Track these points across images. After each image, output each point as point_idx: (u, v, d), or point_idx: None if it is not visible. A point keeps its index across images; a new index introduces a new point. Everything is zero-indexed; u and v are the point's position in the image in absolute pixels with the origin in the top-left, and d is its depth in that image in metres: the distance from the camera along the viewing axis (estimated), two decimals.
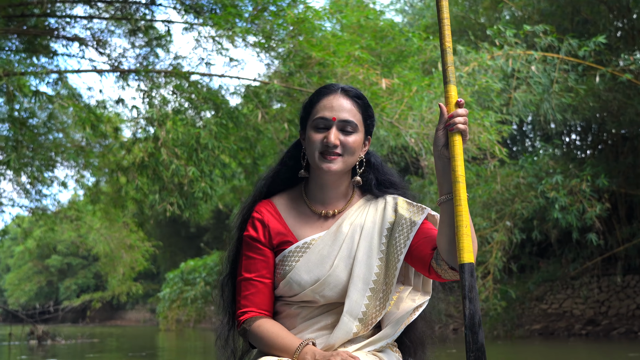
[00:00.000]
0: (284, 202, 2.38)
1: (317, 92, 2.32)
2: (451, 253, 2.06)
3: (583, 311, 16.08)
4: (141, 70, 8.15)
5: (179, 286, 21.67)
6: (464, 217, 1.97)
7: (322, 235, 2.29)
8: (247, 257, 2.32)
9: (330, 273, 2.23)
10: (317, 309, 2.28)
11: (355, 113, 2.25)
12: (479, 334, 1.88)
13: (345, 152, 2.23)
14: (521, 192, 12.07)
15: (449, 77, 2.07)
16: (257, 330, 2.21)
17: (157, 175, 8.05)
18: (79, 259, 45.26)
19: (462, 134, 2.04)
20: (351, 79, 8.11)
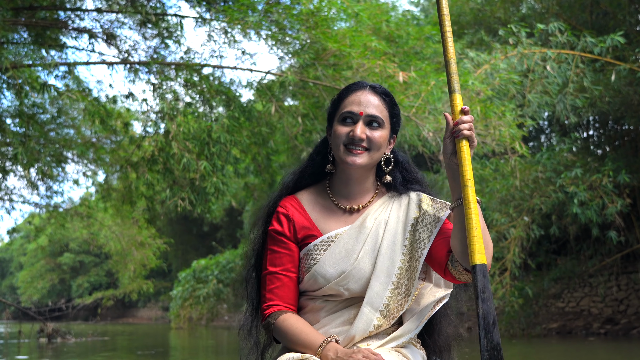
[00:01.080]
0: (308, 197, 2.43)
1: (345, 89, 2.37)
2: (465, 255, 2.10)
3: (601, 310, 15.83)
4: (152, 63, 7.95)
5: (191, 284, 21.59)
6: (473, 219, 2.03)
7: (347, 229, 2.32)
8: (272, 251, 2.35)
9: (354, 266, 2.26)
10: (340, 303, 2.30)
11: (382, 109, 2.31)
12: (494, 334, 1.91)
13: (372, 147, 2.27)
14: (539, 187, 11.84)
15: (454, 86, 2.18)
16: (282, 324, 2.23)
17: (167, 170, 7.87)
18: (91, 256, 45.51)
19: (468, 140, 2.12)
20: (367, 71, 7.90)
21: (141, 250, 16.64)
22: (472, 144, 2.14)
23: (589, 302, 16.26)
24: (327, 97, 8.16)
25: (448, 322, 2.47)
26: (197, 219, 33.71)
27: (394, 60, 7.97)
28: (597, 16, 13.19)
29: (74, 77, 8.50)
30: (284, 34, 7.96)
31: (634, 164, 13.70)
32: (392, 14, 10.26)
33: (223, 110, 8.21)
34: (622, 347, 11.83)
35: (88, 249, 40.78)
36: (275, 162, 9.16)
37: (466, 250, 2.09)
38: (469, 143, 2.13)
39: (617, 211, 11.17)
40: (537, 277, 16.28)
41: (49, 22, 8.15)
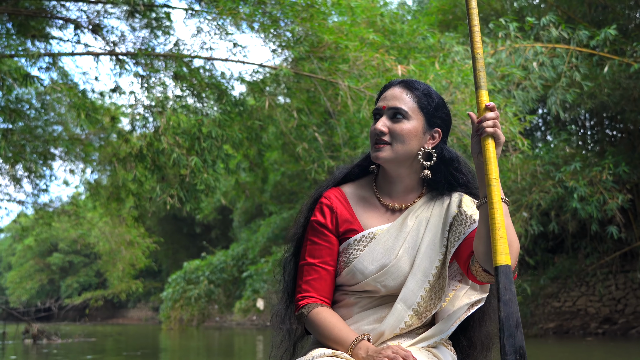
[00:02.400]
0: (353, 191, 2.41)
1: (382, 88, 2.35)
2: (485, 255, 2.07)
3: (598, 309, 15.65)
4: (139, 54, 7.62)
5: (182, 286, 21.41)
6: (497, 219, 1.99)
7: (388, 226, 2.30)
8: (312, 242, 2.34)
9: (394, 263, 2.24)
10: (375, 300, 2.29)
11: (407, 101, 2.26)
12: (516, 337, 1.87)
13: (394, 140, 2.23)
14: (538, 182, 11.63)
15: (480, 82, 2.12)
16: (315, 317, 2.21)
17: (156, 166, 7.56)
18: (80, 257, 45.26)
19: (493, 137, 2.08)
20: (364, 64, 7.64)
21: (130, 250, 16.41)
22: (498, 141, 2.10)
23: (585, 301, 16.08)
24: (322, 91, 7.89)
25: (486, 321, 2.42)
26: (188, 218, 33.52)
27: (392, 54, 7.68)
28: (595, 9, 12.99)
29: (59, 69, 8.19)
30: (277, 26, 7.68)
31: (633, 159, 13.54)
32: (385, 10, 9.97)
33: (214, 104, 7.89)
34: (620, 348, 11.68)
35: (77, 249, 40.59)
36: (267, 158, 8.87)
37: (486, 251, 2.06)
38: (495, 140, 2.09)
39: (617, 207, 10.98)
40: (534, 275, 16.08)
41: (33, 11, 7.83)
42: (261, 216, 25.59)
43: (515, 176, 11.26)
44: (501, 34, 9.88)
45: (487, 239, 2.05)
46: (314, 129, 8.02)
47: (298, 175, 19.98)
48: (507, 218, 2.07)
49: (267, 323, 28.69)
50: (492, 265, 2.03)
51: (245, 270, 20.91)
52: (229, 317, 32.60)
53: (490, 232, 2.02)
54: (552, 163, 11.89)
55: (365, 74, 7.57)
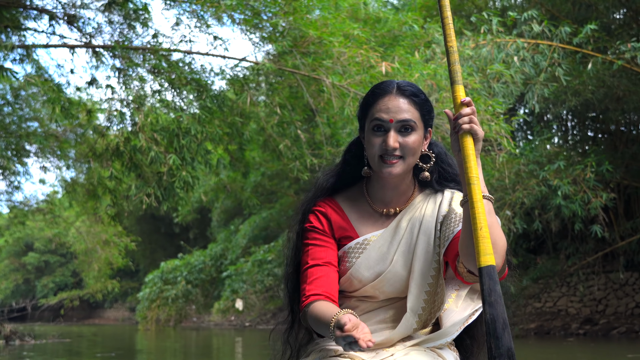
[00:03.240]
0: (346, 200, 2.40)
1: (372, 92, 2.28)
2: (468, 255, 2.02)
3: (579, 310, 15.63)
4: (117, 47, 7.36)
5: (159, 286, 21.19)
6: (479, 219, 1.93)
7: (382, 232, 2.29)
8: (313, 245, 2.32)
9: (389, 269, 2.24)
10: (376, 303, 2.29)
11: (413, 112, 2.21)
12: (503, 339, 1.82)
13: (406, 154, 2.21)
14: (522, 180, 11.53)
15: (455, 77, 2.04)
16: (311, 310, 2.17)
17: (133, 164, 7.32)
18: (56, 256, 44.88)
19: (471, 134, 2.01)
20: (348, 60, 7.46)
21: (106, 249, 16.13)
22: (477, 137, 2.02)
23: (566, 302, 16.06)
24: (305, 87, 7.70)
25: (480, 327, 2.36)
26: (166, 217, 33.26)
27: (377, 50, 7.50)
28: (579, 8, 12.93)
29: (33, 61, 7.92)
30: (260, 19, 7.47)
31: (617, 157, 13.53)
32: None
33: (194, 99, 7.66)
34: (600, 348, 11.63)
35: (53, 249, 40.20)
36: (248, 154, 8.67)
37: (469, 252, 2.01)
38: (473, 137, 2.01)
39: (601, 205, 10.91)
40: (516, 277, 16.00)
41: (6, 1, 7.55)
42: (240, 215, 25.39)
43: (499, 174, 11.16)
44: (483, 28, 9.76)
45: (469, 240, 2.00)
46: (298, 124, 7.82)
47: (278, 174, 19.82)
48: (491, 216, 2.02)
49: (245, 323, 28.50)
50: (475, 266, 1.97)
51: (224, 270, 20.70)
52: (207, 317, 32.40)
53: (472, 232, 1.95)
54: (536, 162, 11.80)
55: (349, 70, 7.39)
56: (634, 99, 12.23)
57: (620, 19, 13.62)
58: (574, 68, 11.08)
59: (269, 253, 18.79)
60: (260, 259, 18.46)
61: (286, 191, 21.59)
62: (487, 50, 9.41)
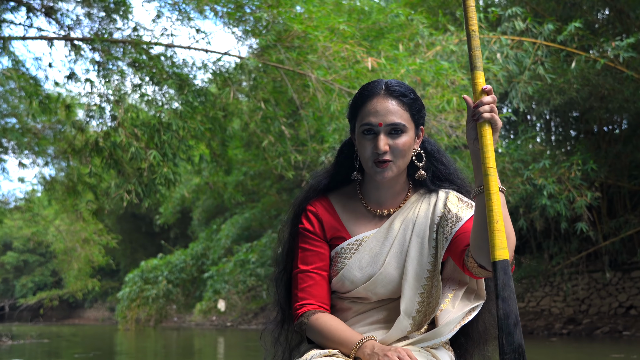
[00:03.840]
0: (339, 199, 2.38)
1: (360, 94, 2.26)
2: (480, 250, 1.99)
3: (562, 309, 15.62)
4: (96, 39, 7.16)
5: (139, 285, 20.95)
6: (495, 211, 1.89)
7: (374, 232, 2.28)
8: (303, 249, 2.31)
9: (381, 271, 2.23)
10: (369, 304, 2.27)
11: (402, 113, 2.19)
12: (515, 335, 1.81)
13: (396, 157, 2.18)
14: (507, 179, 11.45)
15: (475, 62, 1.99)
16: (316, 323, 2.18)
17: (113, 160, 7.14)
18: (36, 255, 44.59)
19: (490, 123, 1.97)
20: (333, 55, 7.32)
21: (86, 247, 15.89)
22: (495, 127, 1.97)
23: (549, 301, 16.04)
24: (289, 82, 7.55)
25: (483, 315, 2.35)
26: (147, 216, 33.03)
27: (362, 44, 7.36)
28: (563, 7, 12.89)
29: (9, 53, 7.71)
30: (243, 12, 7.31)
31: (601, 157, 13.51)
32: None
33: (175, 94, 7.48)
34: (584, 348, 11.59)
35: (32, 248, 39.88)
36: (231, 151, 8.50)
37: (482, 245, 1.97)
38: (492, 127, 1.97)
39: (586, 204, 10.86)
40: None
41: None
42: (221, 215, 25.21)
43: None
44: None
45: (482, 232, 1.96)
46: (283, 120, 7.67)
47: (260, 174, 19.69)
48: (504, 209, 1.97)
49: (227, 323, 28.33)
50: (487, 260, 1.97)
51: (206, 270, 20.51)
52: (188, 317, 32.20)
53: (487, 225, 1.91)
54: (521, 160, 11.74)
55: (335, 65, 7.26)
56: (618, 97, 12.22)
57: (604, 18, 13.63)
58: (559, 66, 11.05)
59: (251, 253, 18.62)
60: (243, 259, 18.28)
61: (268, 191, 21.45)
62: None
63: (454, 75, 7.39)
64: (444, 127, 7.32)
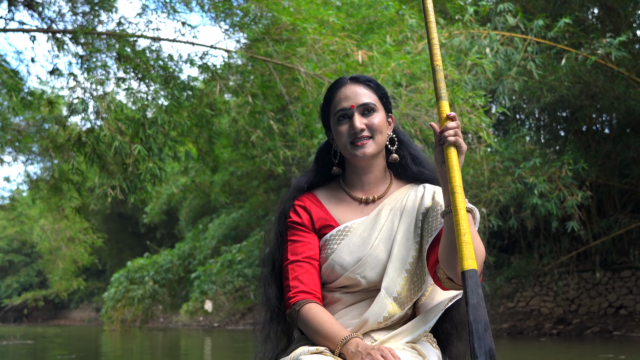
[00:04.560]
0: (324, 193, 2.46)
1: (329, 90, 2.41)
2: (449, 263, 2.11)
3: (552, 309, 15.54)
4: (79, 32, 6.95)
5: (125, 285, 20.74)
6: (462, 225, 2.02)
7: (363, 220, 2.35)
8: (293, 241, 2.36)
9: (370, 253, 2.29)
10: (357, 295, 2.31)
11: (370, 95, 2.34)
12: (484, 340, 1.89)
13: (374, 133, 2.31)
14: (497, 177, 11.34)
15: (440, 93, 2.17)
16: (307, 314, 2.22)
17: (97, 155, 6.93)
18: (21, 256, 44.38)
19: (455, 146, 2.12)
20: (323, 48, 7.15)
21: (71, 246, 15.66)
22: (460, 149, 2.13)
23: (539, 301, 15.96)
24: (277, 76, 7.37)
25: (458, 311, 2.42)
26: (133, 216, 32.79)
27: (353, 37, 7.20)
28: (553, 4, 12.80)
29: None
30: (230, 5, 7.13)
31: (591, 156, 13.43)
32: None
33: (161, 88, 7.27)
34: (573, 348, 11.51)
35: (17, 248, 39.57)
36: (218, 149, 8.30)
37: (450, 260, 2.10)
38: (457, 149, 2.13)
39: (577, 203, 10.77)
40: (490, 276, 15.86)
41: None
42: (208, 215, 25.03)
43: (473, 172, 10.96)
44: (458, 16, 9.54)
45: (451, 247, 2.09)
46: (271, 115, 7.49)
47: (247, 174, 19.55)
48: (473, 227, 2.11)
49: (214, 324, 28.13)
50: (455, 273, 2.09)
51: (192, 270, 20.32)
52: (174, 317, 31.99)
53: (455, 238, 2.04)
54: (511, 159, 11.63)
55: (324, 58, 7.09)
56: (609, 95, 12.18)
57: (594, 16, 13.57)
58: (549, 63, 10.98)
59: (238, 253, 18.44)
60: (230, 259, 18.10)
61: (255, 190, 21.31)
62: (460, 40, 9.19)
63: (446, 69, 7.24)
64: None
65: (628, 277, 14.48)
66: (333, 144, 2.43)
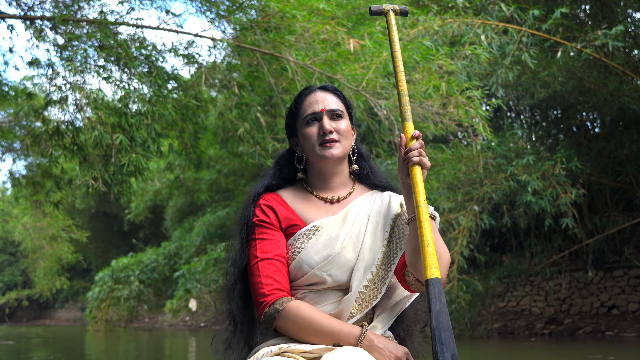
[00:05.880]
0: (288, 194, 2.46)
1: (298, 96, 2.46)
2: (415, 265, 2.20)
3: (543, 309, 15.39)
4: (57, 18, 6.62)
5: (109, 285, 20.45)
6: (426, 237, 2.09)
7: (331, 219, 2.37)
8: (261, 239, 2.34)
9: (339, 252, 2.31)
10: (322, 295, 2.32)
11: (338, 102, 2.42)
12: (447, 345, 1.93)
13: (342, 137, 2.37)
14: (490, 174, 11.13)
15: (405, 115, 2.28)
16: (296, 311, 2.20)
17: (76, 145, 6.63)
18: (5, 255, 44.16)
19: (420, 165, 2.19)
20: (313, 37, 6.88)
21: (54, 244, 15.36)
22: (425, 167, 2.20)
23: (530, 301, 15.81)
24: (266, 66, 7.10)
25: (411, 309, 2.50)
26: (118, 215, 32.48)
27: (344, 25, 6.93)
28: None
29: None
30: None
31: (584, 153, 13.27)
32: None
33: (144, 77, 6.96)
34: (563, 348, 11.40)
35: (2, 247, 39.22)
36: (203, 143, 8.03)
37: (416, 262, 2.19)
38: (422, 167, 2.20)
39: (570, 201, 10.58)
40: (482, 275, 15.67)
41: None
42: (194, 214, 24.76)
43: (465, 168, 10.76)
44: (451, 3, 9.32)
45: (416, 254, 2.18)
46: (258, 107, 7.22)
47: (234, 172, 19.31)
48: (436, 233, 2.22)
49: (200, 324, 27.86)
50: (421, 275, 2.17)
51: (178, 269, 20.06)
52: (160, 317, 31.72)
53: (420, 248, 2.10)
54: (504, 156, 11.43)
55: (314, 47, 6.82)
56: (603, 92, 12.05)
57: (587, 12, 13.42)
58: (543, 58, 10.81)
59: (224, 251, 18.16)
60: (216, 258, 17.83)
61: (243, 189, 21.06)
62: (454, 28, 8.96)
63: (441, 59, 6.98)
64: (430, 114, 6.91)
65: (620, 277, 14.34)
66: (297, 150, 2.46)
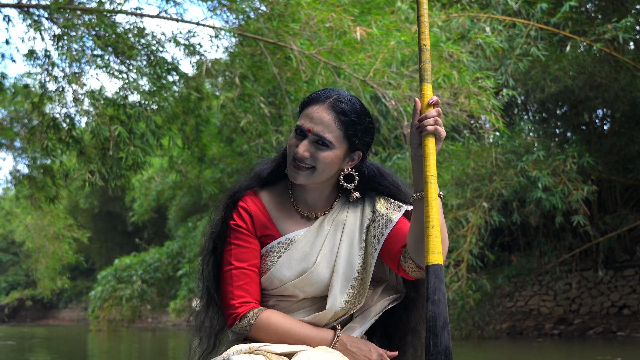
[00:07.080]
0: (270, 197, 2.39)
1: (309, 96, 2.30)
2: (418, 251, 2.11)
3: (552, 309, 15.16)
4: (52, 6, 6.39)
5: (112, 284, 20.30)
6: (432, 217, 1.97)
7: (305, 231, 2.31)
8: (237, 245, 2.30)
9: (312, 270, 2.27)
10: (294, 304, 2.32)
11: (333, 129, 2.20)
12: (442, 337, 1.86)
13: (317, 167, 2.21)
14: (500, 170, 10.89)
15: (424, 75, 2.07)
16: (268, 321, 2.20)
17: (72, 138, 6.41)
18: (9, 255, 44.15)
19: (434, 135, 2.05)
20: (318, 25, 6.65)
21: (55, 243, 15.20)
22: (439, 138, 2.06)
23: (538, 301, 15.58)
24: (269, 55, 6.87)
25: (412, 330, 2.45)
26: (122, 215, 32.39)
27: (351, 13, 6.69)
28: None
29: None
30: None
31: (594, 149, 13.04)
32: None
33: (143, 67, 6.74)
34: (572, 349, 11.22)
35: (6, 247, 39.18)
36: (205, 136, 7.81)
37: (420, 247, 2.08)
38: (436, 138, 2.05)
39: (582, 198, 10.34)
40: (491, 274, 15.44)
41: None
42: (198, 213, 24.62)
43: (475, 164, 10.53)
44: None
45: (420, 235, 2.05)
46: (261, 99, 7.00)
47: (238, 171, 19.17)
48: (441, 215, 2.06)
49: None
50: (423, 261, 2.07)
51: (181, 269, 19.90)
52: (164, 317, 31.61)
53: (424, 229, 1.99)
54: (514, 151, 11.20)
55: (319, 35, 6.59)
56: (614, 86, 11.85)
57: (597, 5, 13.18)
58: (552, 52, 10.60)
59: None
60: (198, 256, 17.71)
61: None
62: (459, 23, 8.73)
63: (452, 47, 6.74)
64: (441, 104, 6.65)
65: (631, 276, 14.10)
66: None
